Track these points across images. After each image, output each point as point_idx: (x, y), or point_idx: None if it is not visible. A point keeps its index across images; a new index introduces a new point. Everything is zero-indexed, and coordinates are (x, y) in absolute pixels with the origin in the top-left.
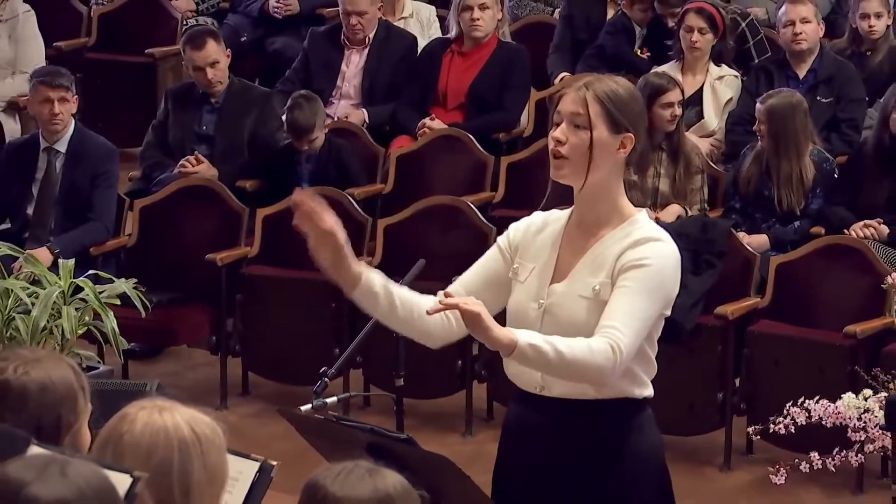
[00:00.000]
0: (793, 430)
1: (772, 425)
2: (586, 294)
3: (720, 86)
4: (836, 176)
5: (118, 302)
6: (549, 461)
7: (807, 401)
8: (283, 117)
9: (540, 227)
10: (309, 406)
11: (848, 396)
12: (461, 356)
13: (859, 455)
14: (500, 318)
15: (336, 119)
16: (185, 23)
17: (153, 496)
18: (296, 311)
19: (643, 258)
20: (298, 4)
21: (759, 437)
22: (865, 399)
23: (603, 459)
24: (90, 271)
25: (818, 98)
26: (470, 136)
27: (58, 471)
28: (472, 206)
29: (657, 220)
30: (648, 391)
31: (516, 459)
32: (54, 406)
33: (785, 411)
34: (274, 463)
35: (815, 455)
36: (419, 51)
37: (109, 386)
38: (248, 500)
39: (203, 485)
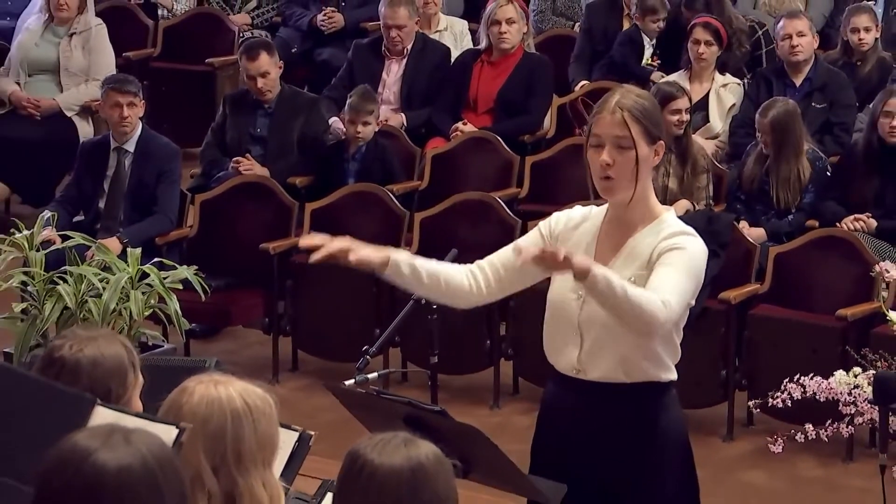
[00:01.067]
0: (789, 404)
1: (770, 399)
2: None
3: (724, 92)
4: (828, 174)
5: (180, 287)
6: (584, 438)
7: (802, 377)
8: (339, 114)
9: (579, 221)
10: (352, 381)
11: (839, 374)
12: (490, 336)
13: (849, 427)
14: (536, 302)
15: (379, 121)
16: (241, 35)
17: (208, 461)
18: (340, 295)
19: (679, 244)
20: (343, 19)
21: (758, 410)
22: (855, 376)
23: (633, 437)
24: (155, 259)
25: (813, 104)
26: (498, 137)
27: (122, 438)
28: (499, 201)
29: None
30: (673, 375)
31: (552, 436)
32: (105, 380)
33: (782, 387)
34: (312, 433)
35: (809, 427)
36: (452, 60)
37: (172, 362)
38: (288, 465)
39: (254, 451)
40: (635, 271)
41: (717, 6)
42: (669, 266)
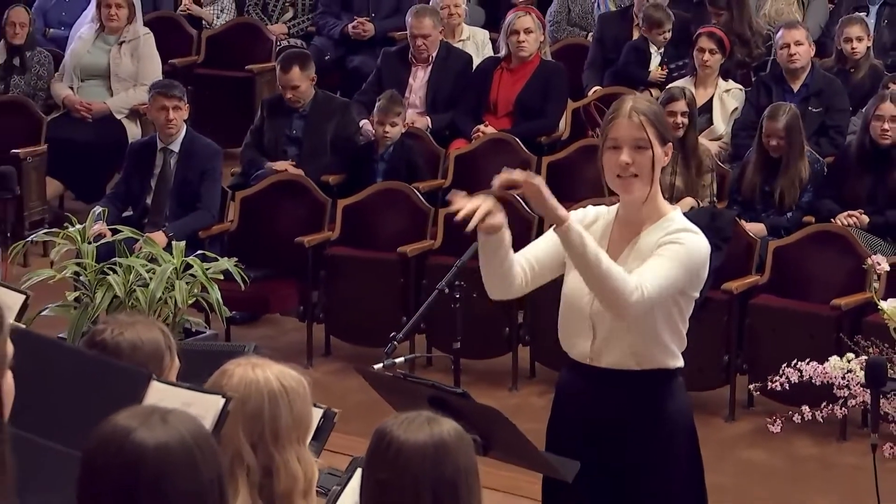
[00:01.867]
0: (787, 387)
1: (769, 383)
2: None
3: (727, 97)
4: (824, 174)
5: (222, 277)
6: (595, 421)
7: (799, 363)
8: (368, 117)
9: (592, 219)
10: (381, 365)
11: (834, 359)
12: (508, 323)
13: (843, 408)
14: (550, 292)
15: (406, 124)
16: (278, 44)
17: (247, 439)
18: (370, 285)
19: (679, 239)
20: (373, 29)
21: (758, 392)
22: (849, 361)
23: (642, 420)
24: (198, 251)
25: (810, 108)
26: (516, 139)
27: (159, 418)
28: (518, 198)
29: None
30: (680, 362)
31: (567, 418)
32: (143, 362)
33: (780, 371)
34: (336, 410)
35: (805, 408)
36: (474, 67)
37: (214, 347)
38: (314, 439)
39: (290, 428)
40: (640, 265)
41: (737, 6)
42: (661, 256)
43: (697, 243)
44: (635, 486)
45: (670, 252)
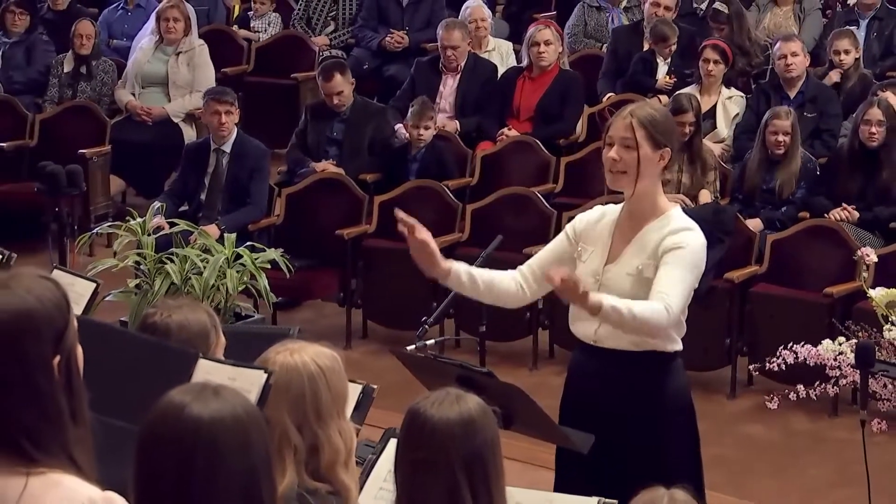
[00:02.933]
0: (784, 368)
1: (767, 364)
2: (632, 272)
3: (729, 104)
4: (818, 173)
5: (269, 266)
6: (603, 398)
7: (794, 345)
8: (403, 121)
9: (598, 218)
10: (413, 346)
11: (826, 342)
12: (529, 309)
13: (835, 387)
14: None
15: (436, 128)
16: (321, 54)
17: (292, 420)
18: (403, 273)
19: (681, 242)
20: (407, 41)
21: (757, 372)
22: (840, 345)
23: (644, 397)
24: (248, 243)
25: (805, 113)
26: (537, 141)
27: (212, 393)
28: (538, 195)
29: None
30: (678, 346)
31: (577, 395)
32: (190, 340)
33: (777, 353)
34: (374, 386)
35: (800, 387)
36: (499, 76)
37: (262, 330)
38: (355, 412)
39: (330, 405)
40: (643, 260)
41: (736, 20)
42: (672, 266)
43: (697, 241)
44: (638, 458)
45: (678, 259)
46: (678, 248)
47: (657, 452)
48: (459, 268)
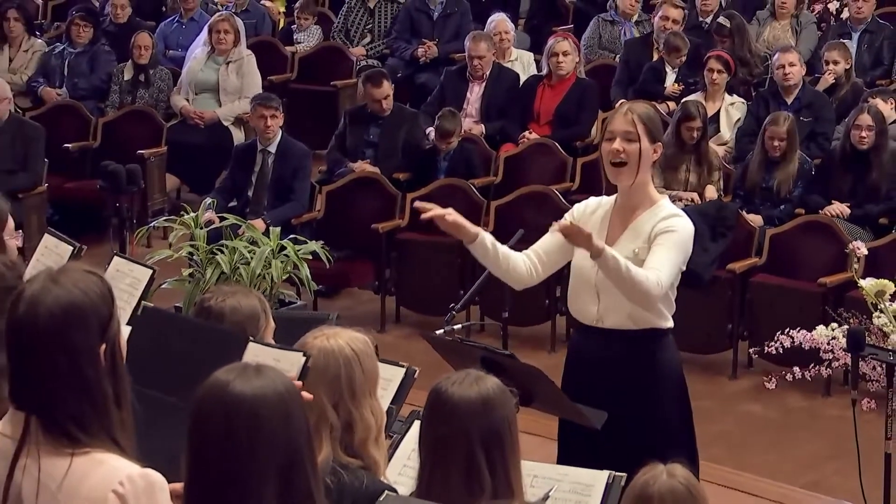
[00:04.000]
0: (781, 351)
1: (766, 347)
2: (629, 255)
3: (732, 109)
4: (812, 172)
5: (310, 257)
6: (603, 374)
7: (791, 331)
8: (433, 125)
9: (594, 208)
10: (442, 331)
11: (820, 328)
12: (548, 296)
13: (828, 369)
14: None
15: (463, 131)
16: (358, 64)
17: (329, 400)
18: (433, 264)
19: (671, 226)
20: (437, 51)
21: (756, 355)
22: (833, 330)
23: (639, 371)
24: (291, 235)
25: (801, 118)
26: (556, 143)
27: (254, 372)
28: (556, 192)
29: (694, 201)
30: (670, 323)
31: (578, 374)
32: (242, 323)
33: (775, 338)
34: (416, 368)
35: (796, 369)
36: (521, 83)
37: (303, 315)
38: (398, 394)
39: (363, 385)
40: (639, 244)
41: (738, 34)
42: (663, 247)
43: (686, 226)
44: (635, 428)
45: (669, 242)
46: (669, 231)
47: (653, 422)
48: (485, 236)
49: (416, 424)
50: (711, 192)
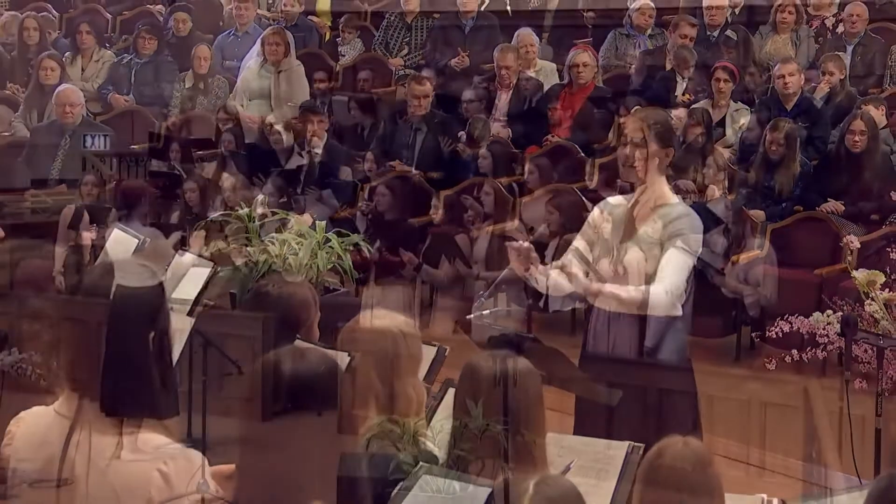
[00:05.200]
0: (781, 336)
1: (767, 332)
2: (645, 248)
3: (737, 115)
4: (811, 173)
5: (353, 248)
6: (615, 354)
7: (790, 317)
8: (464, 131)
9: (614, 206)
10: (472, 315)
11: (817, 314)
12: None
13: (823, 352)
14: None
15: (492, 134)
16: (396, 73)
17: (377, 374)
18: (463, 255)
19: (682, 228)
20: (468, 61)
21: (758, 339)
22: (828, 316)
23: (652, 353)
24: (335, 229)
25: (800, 123)
26: (575, 145)
27: (300, 355)
28: (576, 190)
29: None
30: (679, 312)
31: (593, 355)
32: (295, 309)
33: (776, 323)
34: (447, 347)
35: (795, 352)
36: (544, 91)
37: (347, 300)
38: (430, 369)
39: (406, 363)
40: (653, 238)
41: (744, 45)
42: (674, 250)
43: (695, 227)
44: (647, 404)
45: (679, 245)
46: (680, 233)
47: (660, 396)
48: (547, 271)
49: (450, 393)
50: (717, 192)
